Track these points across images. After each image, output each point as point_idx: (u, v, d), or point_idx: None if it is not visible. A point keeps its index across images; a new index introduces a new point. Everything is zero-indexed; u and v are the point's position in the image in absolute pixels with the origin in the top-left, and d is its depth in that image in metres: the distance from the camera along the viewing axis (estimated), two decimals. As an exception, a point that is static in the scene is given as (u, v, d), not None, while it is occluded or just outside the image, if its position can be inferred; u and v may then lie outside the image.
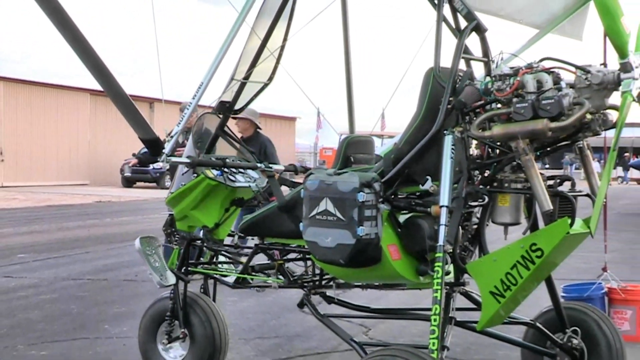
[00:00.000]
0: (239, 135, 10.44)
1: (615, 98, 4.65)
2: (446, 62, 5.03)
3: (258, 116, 11.87)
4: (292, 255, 5.75)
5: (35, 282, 10.83)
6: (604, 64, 4.78)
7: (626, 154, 44.02)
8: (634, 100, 4.51)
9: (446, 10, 5.24)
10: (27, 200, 29.93)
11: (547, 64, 4.74)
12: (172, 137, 5.76)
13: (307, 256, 5.53)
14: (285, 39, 6.24)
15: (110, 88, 5.65)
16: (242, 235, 5.97)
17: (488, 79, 4.81)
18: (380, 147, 6.11)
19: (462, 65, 5.09)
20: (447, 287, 4.77)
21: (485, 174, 5.01)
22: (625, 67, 4.48)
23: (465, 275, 5.06)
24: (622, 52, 4.49)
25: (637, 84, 4.49)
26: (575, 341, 5.62)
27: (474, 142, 4.91)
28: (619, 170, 51.37)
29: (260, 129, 11.76)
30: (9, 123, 38.65)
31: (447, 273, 4.71)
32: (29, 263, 10.80)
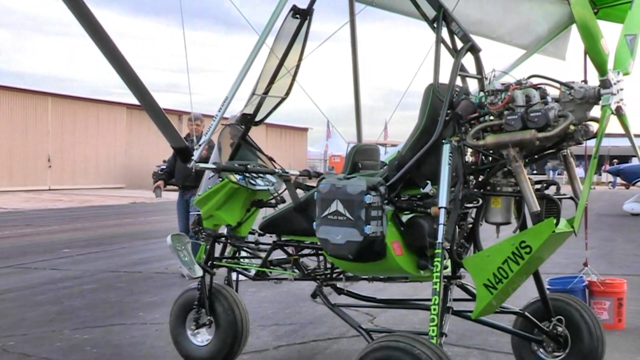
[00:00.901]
0: (231, 141, 10.44)
1: (595, 111, 4.66)
2: (444, 78, 5.06)
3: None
4: (306, 251, 5.75)
5: (79, 273, 10.87)
6: (585, 81, 4.79)
7: (615, 160, 43.51)
8: (612, 113, 4.51)
9: (444, 32, 5.26)
10: (71, 202, 30.02)
11: (534, 81, 4.76)
12: (199, 145, 5.78)
13: (320, 252, 5.53)
14: (300, 59, 6.25)
15: (146, 103, 5.68)
16: (262, 233, 5.99)
17: (482, 94, 4.83)
18: (385, 155, 6.09)
19: (458, 81, 5.09)
20: (445, 280, 4.77)
21: (480, 179, 5.02)
22: (605, 84, 4.48)
23: (461, 269, 5.06)
24: (601, 70, 4.49)
25: (615, 99, 4.50)
26: (560, 329, 5.64)
27: (469, 150, 4.90)
28: (610, 176, 50.11)
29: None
30: (56, 133, 38.80)
31: (445, 267, 4.71)
32: (73, 257, 10.85)
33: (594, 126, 4.72)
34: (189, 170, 10.62)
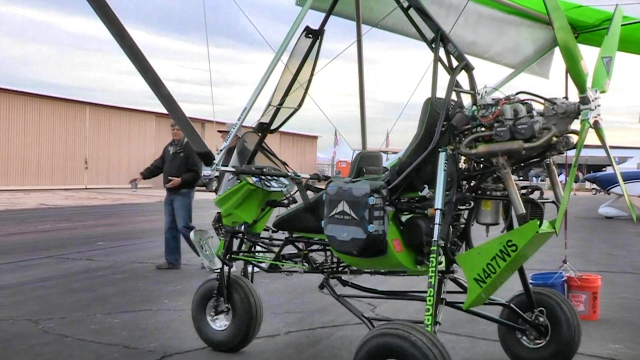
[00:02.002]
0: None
1: (575, 124, 4.67)
2: (441, 93, 5.05)
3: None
4: (315, 247, 5.74)
5: (111, 264, 10.88)
6: (567, 97, 4.85)
7: (604, 169, 43.30)
8: (590, 126, 4.53)
9: (441, 52, 5.26)
10: (104, 199, 30.09)
11: (521, 97, 4.78)
12: (221, 150, 5.78)
13: (327, 248, 5.53)
14: (312, 74, 6.24)
15: (174, 111, 5.68)
16: (275, 230, 5.98)
17: (474, 107, 4.83)
18: (387, 161, 6.08)
19: (453, 96, 5.08)
20: (440, 274, 4.74)
21: (472, 184, 5.03)
22: (584, 100, 4.51)
23: (454, 265, 5.04)
24: (581, 88, 4.52)
25: (593, 114, 4.51)
26: (541, 319, 5.67)
27: (463, 157, 4.90)
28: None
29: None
30: (93, 138, 38.94)
31: (440, 263, 4.69)
32: (106, 249, 10.86)
33: (574, 138, 4.74)
34: (174, 173, 10.44)
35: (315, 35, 6.08)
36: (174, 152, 10.93)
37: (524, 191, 4.95)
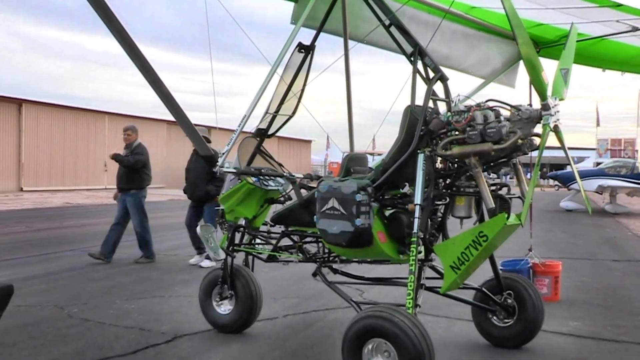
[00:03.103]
0: (192, 149, 10.10)
1: (538, 128, 4.68)
2: (419, 101, 5.04)
3: (207, 132, 10.49)
4: (308, 239, 5.72)
5: (127, 256, 10.81)
6: (530, 104, 4.82)
7: (564, 168, 43.32)
8: (551, 130, 4.55)
9: (419, 65, 5.27)
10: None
11: (490, 104, 4.80)
12: (223, 154, 5.75)
13: (319, 240, 5.50)
14: (304, 85, 6.23)
15: (181, 119, 5.64)
16: (273, 224, 5.96)
17: (449, 114, 4.81)
18: (372, 162, 6.06)
19: (430, 103, 5.08)
20: (419, 262, 4.74)
21: (447, 182, 5.02)
22: (545, 107, 4.52)
23: (432, 254, 5.03)
24: (542, 96, 4.54)
25: (553, 119, 4.53)
26: (509, 301, 5.70)
27: (439, 158, 4.89)
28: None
29: (209, 142, 10.44)
30: (111, 144, 38.43)
31: (420, 252, 4.68)
32: (122, 243, 10.79)
33: (537, 140, 4.74)
34: (122, 175, 10.35)
35: (307, 50, 6.07)
36: (124, 155, 10.69)
37: (493, 188, 4.96)
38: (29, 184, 33.57)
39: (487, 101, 4.80)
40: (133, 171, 10.45)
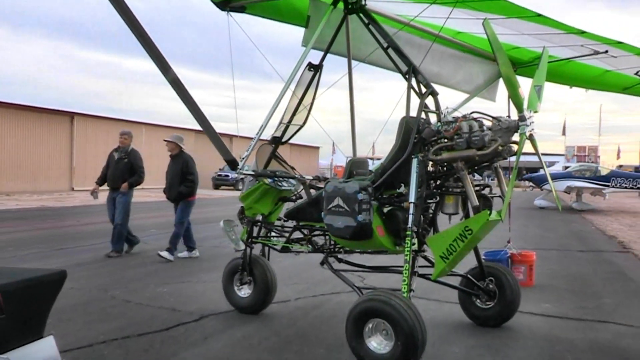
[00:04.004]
0: (169, 154, 9.96)
1: (515, 137, 4.66)
2: (413, 113, 5.02)
3: (182, 140, 10.23)
4: (317, 232, 5.68)
5: (160, 246, 10.75)
6: (509, 116, 4.86)
7: (540, 171, 43.12)
8: (526, 138, 4.54)
9: (413, 81, 5.25)
10: (155, 197, 29.95)
11: (475, 115, 4.78)
12: (243, 158, 5.72)
13: (326, 233, 5.46)
14: (313, 99, 6.20)
15: (206, 128, 5.61)
16: (286, 219, 5.92)
17: (439, 124, 4.80)
18: (372, 165, 6.02)
19: (422, 115, 5.04)
20: (413, 253, 4.70)
21: (437, 183, 5.01)
22: (522, 118, 4.51)
23: (424, 245, 5.00)
24: (519, 109, 4.53)
25: (529, 129, 4.51)
26: (491, 286, 5.69)
27: (431, 162, 4.86)
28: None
29: (183, 148, 10.11)
30: (147, 150, 38.51)
31: (413, 244, 4.65)
32: (156, 235, 10.78)
33: (514, 147, 4.71)
34: (118, 176, 9.79)
35: (316, 68, 6.04)
36: (118, 157, 9.98)
37: (477, 188, 4.93)
38: (79, 184, 33.69)
39: (471, 113, 4.78)
40: (129, 174, 9.89)
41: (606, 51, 5.97)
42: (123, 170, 9.90)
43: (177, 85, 5.18)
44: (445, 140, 4.70)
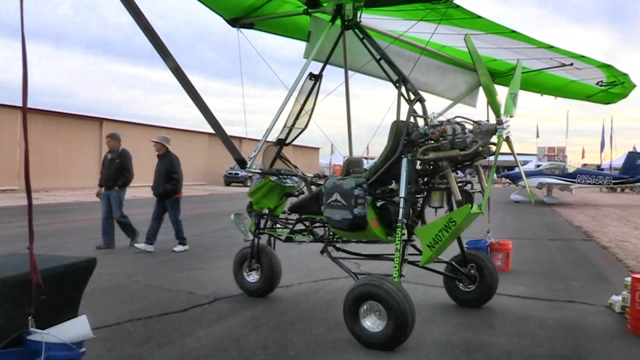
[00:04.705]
0: (156, 154, 9.57)
1: (494, 139, 4.63)
2: (403, 117, 4.98)
3: (168, 141, 9.81)
4: (317, 224, 5.65)
5: (171, 239, 10.75)
6: (488, 120, 4.78)
7: (516, 169, 43.10)
8: (503, 140, 4.52)
9: (402, 89, 5.22)
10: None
11: (458, 120, 4.75)
12: (251, 158, 5.69)
13: (325, 225, 5.43)
14: (314, 105, 6.15)
15: (218, 131, 5.56)
16: (290, 213, 5.89)
17: (426, 127, 4.76)
18: (367, 164, 5.99)
19: (411, 119, 5.01)
20: (403, 242, 4.67)
21: (425, 179, 4.97)
22: (499, 122, 4.49)
23: (413, 235, 4.97)
24: (497, 114, 4.51)
25: (505, 131, 4.49)
26: (472, 271, 5.68)
27: (419, 162, 4.83)
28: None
29: (169, 148, 9.72)
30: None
31: (403, 235, 4.62)
32: (170, 231, 10.70)
33: (493, 148, 4.69)
34: (111, 175, 9.40)
35: (316, 78, 5.99)
36: (111, 158, 9.63)
37: (460, 184, 4.90)
38: (107, 182, 33.77)
39: (455, 117, 4.76)
40: (118, 173, 9.50)
41: (571, 64, 6.04)
42: (116, 170, 9.52)
43: (178, 73, 4.92)
44: (432, 141, 4.67)
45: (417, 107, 5.17)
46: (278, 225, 6.12)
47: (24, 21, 2.95)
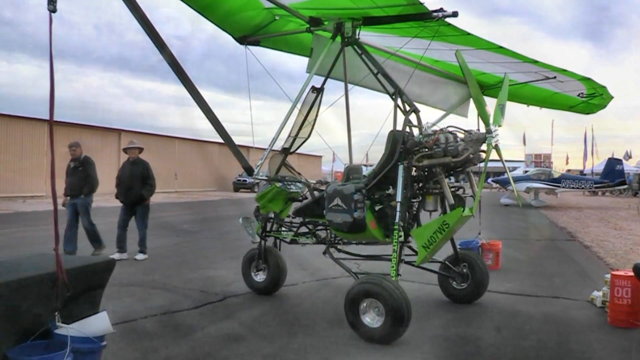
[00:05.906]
0: (130, 159, 9.00)
1: (483, 146, 4.64)
2: (399, 127, 4.99)
3: (141, 149, 9.27)
4: (319, 227, 5.64)
5: (191, 239, 10.79)
6: (478, 129, 4.78)
7: (504, 174, 43.13)
8: (492, 147, 4.50)
9: (398, 101, 5.24)
10: (188, 197, 30.10)
11: (450, 129, 4.75)
12: (258, 165, 5.69)
13: (327, 227, 5.43)
14: (316, 116, 6.16)
15: (227, 140, 5.57)
16: (294, 216, 5.88)
17: (421, 136, 4.76)
18: (366, 171, 5.99)
19: (407, 129, 5.01)
20: (400, 243, 4.66)
21: (420, 185, 4.96)
22: (489, 131, 4.49)
23: (409, 237, 4.95)
24: (486, 123, 4.51)
25: (494, 140, 4.48)
26: (465, 270, 5.66)
27: (414, 168, 4.83)
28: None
29: (141, 152, 9.24)
30: (180, 160, 38.74)
31: (400, 236, 4.61)
32: (188, 229, 10.74)
33: (483, 155, 4.69)
34: (75, 183, 8.52)
35: (318, 91, 5.99)
36: (73, 166, 8.79)
37: (452, 189, 4.90)
38: (124, 188, 33.80)
39: (447, 127, 4.77)
40: (82, 181, 8.70)
41: (555, 77, 6.05)
42: (80, 178, 8.72)
43: (175, 66, 4.74)
44: (426, 149, 4.67)
45: (412, 117, 5.18)
46: (283, 228, 6.12)
47: (52, 41, 2.99)
